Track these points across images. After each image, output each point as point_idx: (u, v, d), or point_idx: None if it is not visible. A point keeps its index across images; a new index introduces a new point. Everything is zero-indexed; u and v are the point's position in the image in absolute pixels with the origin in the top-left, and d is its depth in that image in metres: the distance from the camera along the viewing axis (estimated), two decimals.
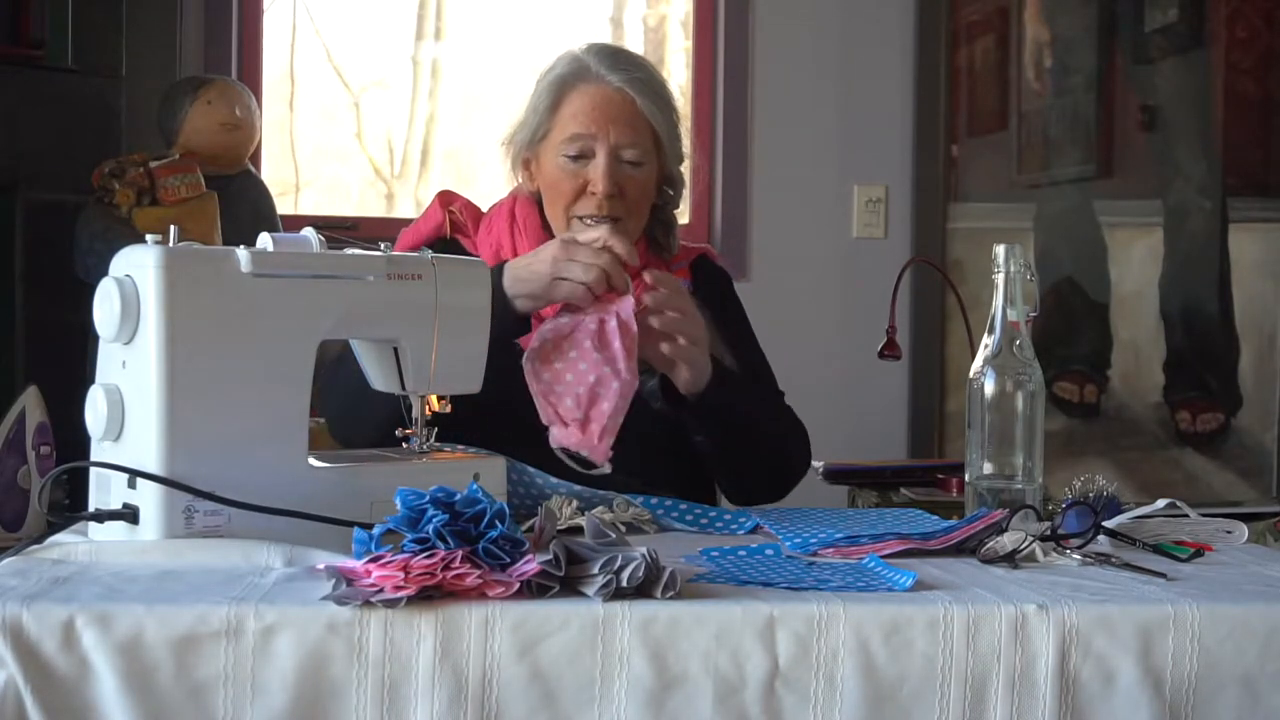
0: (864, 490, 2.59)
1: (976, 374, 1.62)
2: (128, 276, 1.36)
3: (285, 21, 3.76)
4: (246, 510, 1.35)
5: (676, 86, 3.85)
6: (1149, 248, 3.80)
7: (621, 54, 1.96)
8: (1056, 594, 1.23)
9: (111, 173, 2.90)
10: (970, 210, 3.73)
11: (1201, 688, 1.19)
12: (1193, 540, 1.50)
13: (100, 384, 1.39)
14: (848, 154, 3.73)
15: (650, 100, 1.91)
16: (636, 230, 1.94)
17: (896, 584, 1.26)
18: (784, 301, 3.53)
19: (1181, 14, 3.75)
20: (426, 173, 3.95)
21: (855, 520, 1.64)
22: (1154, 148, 3.78)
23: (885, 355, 2.58)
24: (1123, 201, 3.79)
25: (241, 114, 3.10)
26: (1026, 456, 1.60)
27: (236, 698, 1.11)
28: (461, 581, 1.16)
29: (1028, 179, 3.77)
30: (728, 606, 1.17)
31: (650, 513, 1.64)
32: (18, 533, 1.75)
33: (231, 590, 1.17)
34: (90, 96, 3.07)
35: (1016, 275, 1.62)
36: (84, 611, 1.11)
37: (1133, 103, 3.77)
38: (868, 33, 3.73)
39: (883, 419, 3.69)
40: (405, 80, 3.94)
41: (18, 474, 1.80)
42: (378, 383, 1.60)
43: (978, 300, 2.93)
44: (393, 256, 1.52)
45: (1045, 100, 3.75)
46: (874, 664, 1.16)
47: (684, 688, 1.14)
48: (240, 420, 1.38)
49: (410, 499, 1.23)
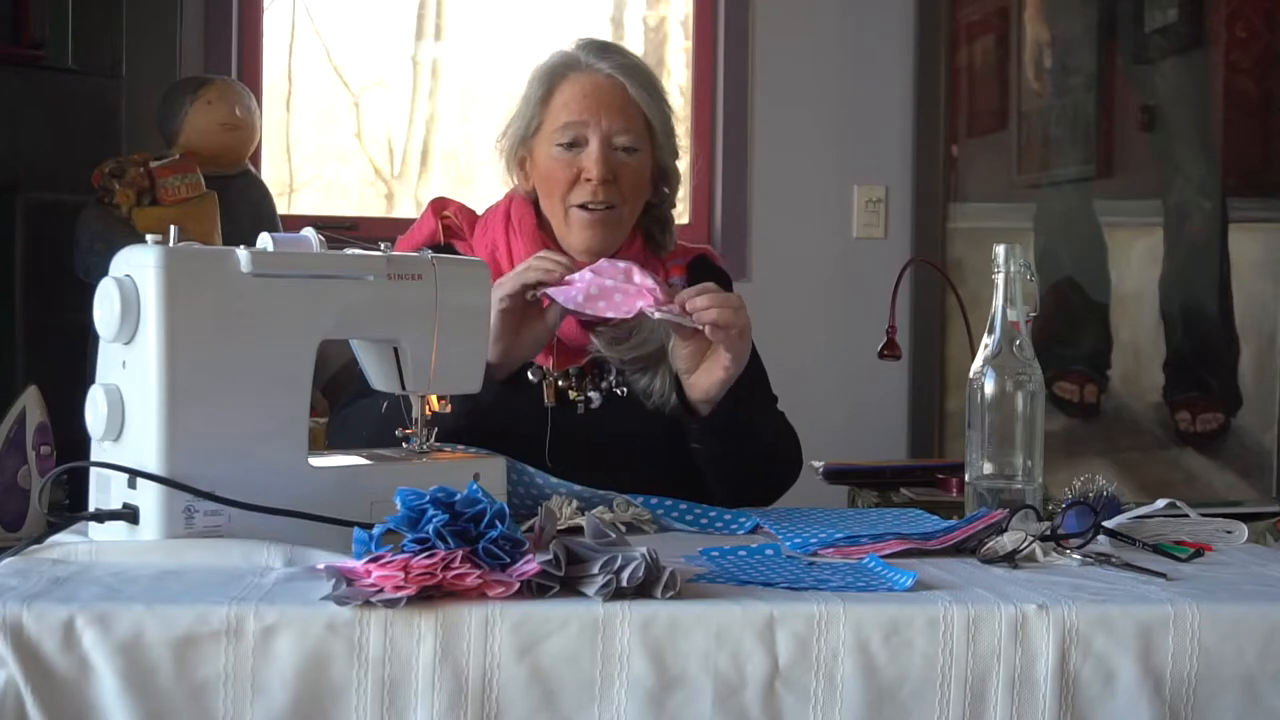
0: (864, 490, 2.59)
1: (976, 374, 1.62)
2: (128, 276, 1.36)
3: (285, 21, 3.76)
4: (246, 510, 1.35)
5: (676, 86, 3.85)
6: (1149, 248, 3.80)
7: (610, 45, 1.97)
8: (1056, 594, 1.23)
9: (111, 173, 2.90)
10: (970, 210, 3.73)
11: (1201, 688, 1.19)
12: (1193, 540, 1.50)
13: (100, 384, 1.39)
14: (848, 154, 3.73)
15: (641, 87, 1.91)
16: (631, 218, 1.94)
17: (896, 584, 1.26)
18: (784, 301, 3.53)
19: (1181, 14, 3.75)
20: (426, 173, 3.95)
21: (855, 520, 1.64)
22: (1154, 148, 3.78)
23: (885, 355, 2.58)
24: (1123, 201, 3.79)
25: (241, 114, 3.10)
26: (1026, 456, 1.60)
27: (236, 698, 1.11)
28: (461, 581, 1.16)
29: (1028, 179, 3.77)
30: (728, 606, 1.17)
31: (650, 513, 1.64)
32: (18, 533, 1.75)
33: (231, 590, 1.17)
34: (90, 96, 3.07)
35: (1016, 275, 1.62)
36: (84, 611, 1.11)
37: (1133, 103, 3.77)
38: (868, 33, 3.73)
39: (883, 419, 3.69)
40: (405, 80, 3.94)
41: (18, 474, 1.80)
42: (378, 383, 1.60)
43: (978, 300, 2.92)
44: (393, 256, 1.52)
45: (1045, 100, 3.75)
46: (874, 664, 1.16)
47: (684, 688, 1.15)
48: (240, 420, 1.38)
49: (410, 499, 1.23)
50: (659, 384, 1.87)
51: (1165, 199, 3.79)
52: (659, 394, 1.87)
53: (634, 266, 1.77)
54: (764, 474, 1.92)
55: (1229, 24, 3.76)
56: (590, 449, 1.83)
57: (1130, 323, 3.80)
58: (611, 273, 1.76)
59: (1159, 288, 3.80)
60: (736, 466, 1.87)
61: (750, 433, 1.86)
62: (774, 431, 1.95)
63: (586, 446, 1.84)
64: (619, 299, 1.75)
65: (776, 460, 1.95)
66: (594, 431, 1.87)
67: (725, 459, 1.86)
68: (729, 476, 1.89)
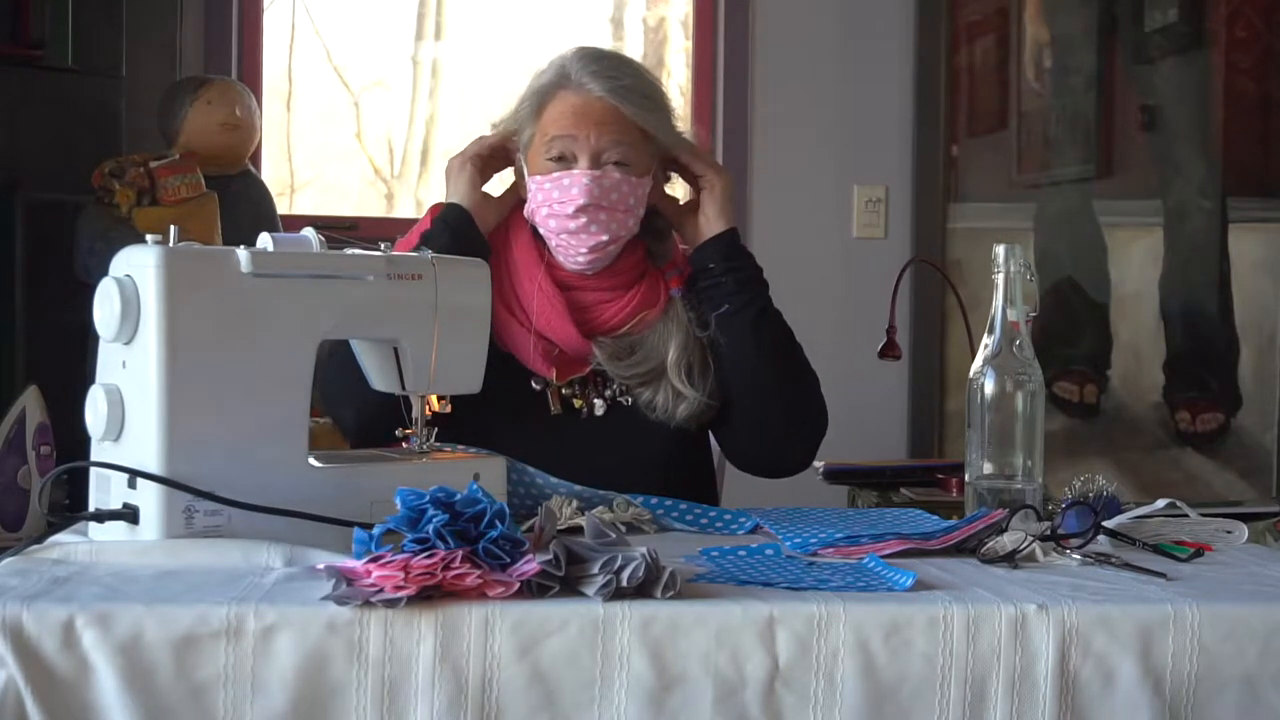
0: (864, 490, 2.59)
1: (976, 374, 1.62)
2: (128, 276, 1.36)
3: (285, 22, 3.76)
4: (246, 510, 1.35)
5: (676, 86, 3.85)
6: (1149, 248, 3.80)
7: (606, 59, 1.91)
8: (1056, 594, 1.23)
9: (111, 173, 2.90)
10: (970, 210, 3.73)
11: (1201, 688, 1.19)
12: (1192, 540, 1.50)
13: (100, 384, 1.39)
14: (848, 154, 3.73)
15: (635, 105, 1.86)
16: (629, 234, 1.91)
17: (896, 584, 1.26)
18: (784, 301, 3.50)
19: (1181, 14, 3.75)
20: (426, 173, 3.95)
21: (855, 520, 1.65)
22: (1154, 148, 3.78)
23: (885, 355, 2.58)
24: (1123, 201, 3.79)
25: (241, 114, 3.10)
26: (1026, 456, 1.60)
27: (236, 698, 1.11)
28: (461, 581, 1.16)
29: (1028, 179, 3.77)
30: (728, 606, 1.17)
31: (650, 513, 1.64)
32: (18, 533, 1.76)
33: (231, 590, 1.17)
34: (90, 96, 3.07)
35: (1016, 275, 1.62)
36: (84, 611, 1.11)
37: (1133, 103, 3.77)
38: (868, 33, 3.72)
39: (883, 419, 3.69)
40: (405, 80, 3.94)
41: (18, 474, 1.80)
42: (378, 383, 1.60)
43: (978, 300, 2.92)
44: (393, 256, 1.52)
45: (1045, 100, 3.75)
46: (874, 664, 1.16)
47: (684, 688, 1.15)
48: (240, 420, 1.38)
49: (410, 499, 1.23)
50: (661, 399, 1.88)
51: (1165, 199, 3.79)
52: (662, 408, 1.88)
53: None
54: (799, 397, 1.93)
55: (1229, 24, 3.76)
56: (594, 456, 1.82)
57: (1130, 323, 3.80)
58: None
59: (1159, 288, 3.79)
60: (772, 378, 1.90)
61: (781, 334, 1.93)
62: (798, 345, 1.96)
63: (591, 454, 1.83)
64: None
65: (810, 384, 1.95)
66: (598, 439, 1.87)
67: (762, 364, 1.89)
68: (766, 391, 1.90)
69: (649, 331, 1.90)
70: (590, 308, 1.89)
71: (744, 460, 1.98)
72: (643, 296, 1.91)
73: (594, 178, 1.82)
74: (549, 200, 1.85)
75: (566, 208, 1.83)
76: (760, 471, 1.98)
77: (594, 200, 1.82)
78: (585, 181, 1.82)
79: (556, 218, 1.85)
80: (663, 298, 1.92)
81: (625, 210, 1.85)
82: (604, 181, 1.83)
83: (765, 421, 1.91)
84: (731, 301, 1.89)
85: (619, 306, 1.90)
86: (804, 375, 1.95)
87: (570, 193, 1.83)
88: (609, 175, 1.84)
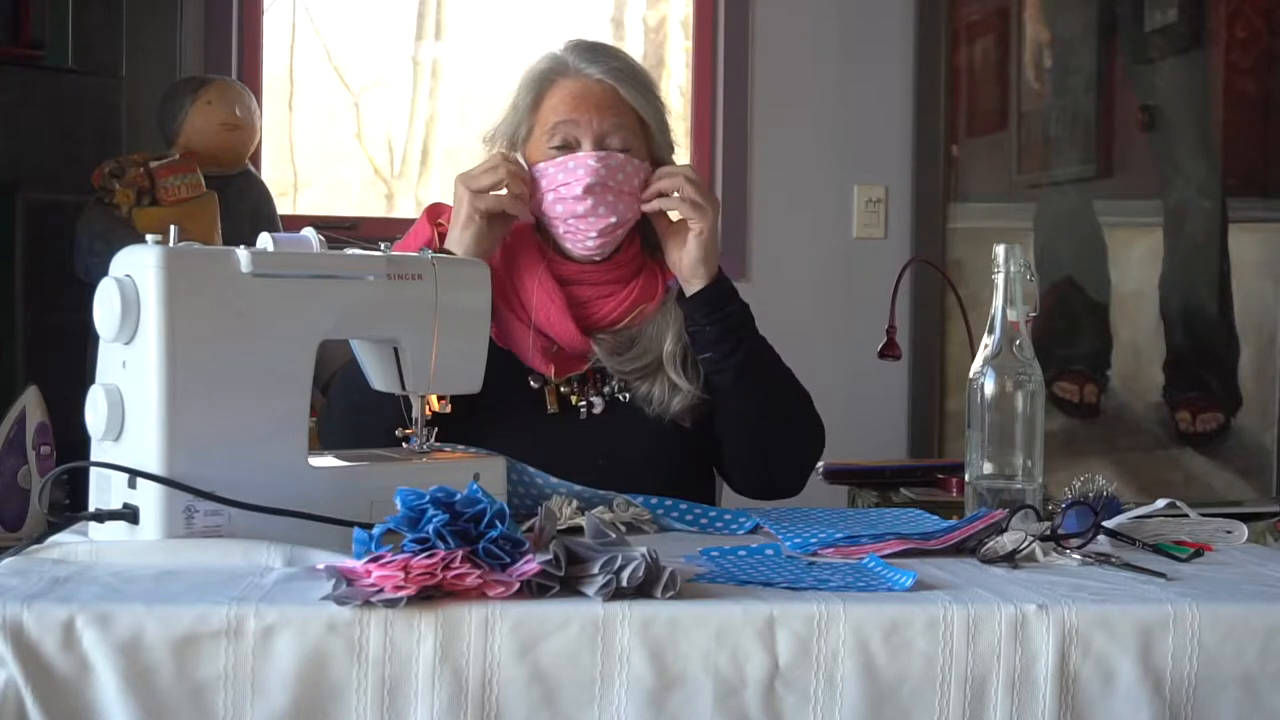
0: (864, 490, 2.59)
1: (976, 374, 1.62)
2: (128, 276, 1.36)
3: (285, 21, 3.76)
4: (246, 510, 1.35)
5: (676, 86, 3.85)
6: (1149, 248, 3.80)
7: (599, 47, 1.94)
8: (1056, 594, 1.23)
9: (111, 173, 2.90)
10: (970, 210, 3.73)
11: (1201, 688, 1.19)
12: (1193, 540, 1.50)
13: (100, 384, 1.39)
14: (848, 154, 3.73)
15: (633, 88, 1.88)
16: (634, 218, 1.92)
17: (896, 584, 1.26)
18: (784, 301, 3.52)
19: (1181, 14, 3.75)
20: (426, 173, 3.95)
21: (855, 520, 1.65)
22: (1154, 148, 3.78)
23: (885, 355, 2.57)
24: (1123, 201, 3.79)
25: (241, 114, 3.10)
26: (1026, 456, 1.60)
27: (236, 698, 1.11)
28: (461, 581, 1.16)
29: (1028, 179, 3.77)
30: (728, 606, 1.17)
31: (650, 513, 1.64)
32: (18, 533, 1.76)
33: (231, 590, 1.17)
34: (90, 96, 3.07)
35: (1016, 275, 1.62)
36: (84, 611, 1.11)
37: (1133, 103, 3.77)
38: (868, 33, 3.73)
39: (883, 419, 3.69)
40: (405, 80, 3.94)
41: (18, 474, 1.80)
42: (378, 383, 1.60)
43: (978, 300, 2.93)
44: (393, 256, 1.52)
45: (1045, 100, 3.75)
46: (874, 664, 1.16)
47: (684, 688, 1.14)
48: (240, 420, 1.38)
49: (410, 499, 1.23)
50: (658, 391, 1.88)
51: (1165, 199, 3.79)
52: (658, 401, 1.88)
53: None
54: (796, 429, 1.93)
55: (1229, 24, 3.76)
56: (592, 454, 1.82)
57: (1130, 323, 3.80)
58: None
59: (1159, 288, 3.80)
60: (764, 410, 1.89)
61: (773, 364, 1.91)
62: (798, 390, 1.95)
63: (588, 452, 1.83)
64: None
65: (808, 417, 1.95)
66: (596, 437, 1.87)
67: (752, 397, 1.88)
68: (757, 425, 1.89)
69: (647, 324, 1.90)
70: (589, 303, 1.90)
71: (739, 488, 2.00)
72: (641, 289, 1.92)
73: (600, 158, 1.83)
74: (554, 185, 1.84)
75: (574, 189, 1.83)
76: (758, 497, 1.99)
77: (600, 180, 1.82)
78: (591, 162, 1.82)
79: (563, 201, 1.84)
80: (660, 290, 1.93)
81: (630, 193, 1.86)
82: (610, 161, 1.83)
83: (756, 458, 1.93)
84: (715, 350, 1.88)
85: (618, 300, 1.90)
86: (792, 404, 1.95)
87: (576, 174, 1.83)
88: (614, 155, 1.84)
